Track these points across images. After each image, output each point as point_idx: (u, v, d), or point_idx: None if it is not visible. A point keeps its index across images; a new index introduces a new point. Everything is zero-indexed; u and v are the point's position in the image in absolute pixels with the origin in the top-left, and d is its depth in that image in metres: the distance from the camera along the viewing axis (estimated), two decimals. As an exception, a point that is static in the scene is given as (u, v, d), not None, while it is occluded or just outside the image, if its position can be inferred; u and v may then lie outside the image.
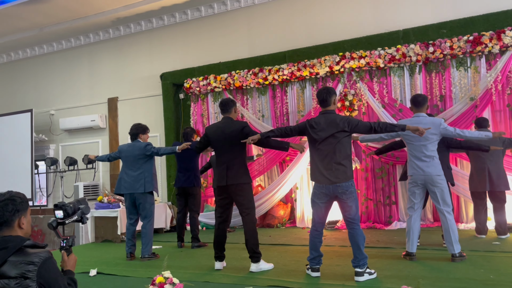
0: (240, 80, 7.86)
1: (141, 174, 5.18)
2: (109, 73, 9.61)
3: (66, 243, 2.58)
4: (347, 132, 3.81)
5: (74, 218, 2.68)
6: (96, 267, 4.63)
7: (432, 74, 6.69)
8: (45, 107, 10.20)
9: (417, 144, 4.33)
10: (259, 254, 4.22)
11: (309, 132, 3.92)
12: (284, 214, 7.51)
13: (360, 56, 6.94)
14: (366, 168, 7.04)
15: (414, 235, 4.37)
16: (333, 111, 3.95)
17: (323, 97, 3.92)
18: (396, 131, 3.95)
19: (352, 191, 3.76)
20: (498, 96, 6.27)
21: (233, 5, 8.36)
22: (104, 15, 8.85)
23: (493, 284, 3.33)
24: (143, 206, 5.21)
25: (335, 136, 3.78)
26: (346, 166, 3.77)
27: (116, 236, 6.83)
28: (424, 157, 4.29)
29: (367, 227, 6.76)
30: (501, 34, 6.12)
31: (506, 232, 5.34)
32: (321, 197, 3.85)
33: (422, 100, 4.48)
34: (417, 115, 4.43)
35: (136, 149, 5.25)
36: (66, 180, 9.32)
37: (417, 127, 3.92)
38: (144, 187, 5.15)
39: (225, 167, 4.27)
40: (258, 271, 4.17)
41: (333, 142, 3.79)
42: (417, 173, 4.32)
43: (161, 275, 3.29)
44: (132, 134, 5.38)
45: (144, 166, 5.22)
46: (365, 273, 3.65)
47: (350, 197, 3.75)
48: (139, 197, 5.19)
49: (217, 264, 4.38)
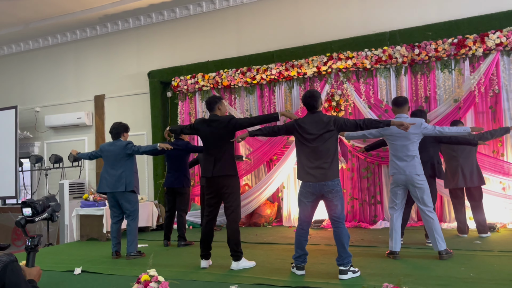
0: (228, 79, 7.87)
1: (123, 173, 5.16)
2: (96, 70, 9.53)
3: (32, 243, 2.45)
4: (334, 132, 3.87)
5: (44, 216, 2.56)
6: (81, 266, 4.60)
7: (418, 75, 6.79)
8: (30, 104, 10.07)
9: (399, 144, 4.41)
10: (240, 253, 4.25)
11: (297, 131, 3.97)
12: (271, 213, 7.55)
13: (347, 57, 7.01)
14: (352, 168, 7.12)
15: (397, 234, 4.44)
16: (320, 111, 4.01)
17: (310, 103, 3.97)
18: (381, 126, 4.05)
19: (338, 190, 3.82)
20: (481, 98, 6.39)
21: (221, 4, 8.37)
22: (91, 12, 8.78)
23: (473, 282, 3.41)
24: (127, 205, 5.20)
25: (322, 135, 3.84)
26: (332, 165, 3.83)
27: (101, 234, 6.79)
28: (405, 156, 4.36)
29: (352, 226, 6.83)
30: (484, 37, 6.24)
31: (486, 231, 5.45)
32: (308, 196, 3.90)
33: (402, 101, 4.63)
34: (399, 116, 4.53)
35: (117, 148, 5.24)
36: (51, 178, 9.22)
37: (401, 122, 4.00)
38: (126, 186, 5.13)
39: (213, 159, 4.31)
40: (239, 269, 4.20)
41: (320, 141, 3.85)
42: (398, 173, 4.40)
43: (147, 273, 3.30)
44: (115, 133, 5.37)
45: (125, 165, 5.20)
46: (349, 271, 3.70)
47: (336, 195, 3.81)
48: (121, 196, 5.17)
49: (203, 262, 4.39)
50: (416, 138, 4.40)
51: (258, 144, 7.61)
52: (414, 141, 4.39)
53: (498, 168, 6.12)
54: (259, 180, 7.76)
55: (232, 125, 4.33)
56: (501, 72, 6.29)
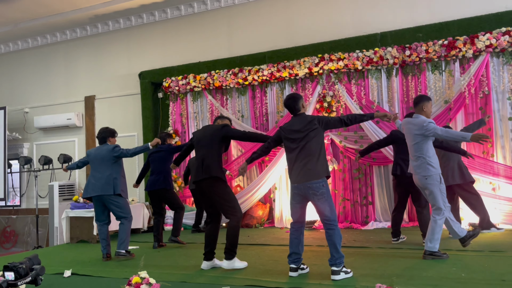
0: (220, 80, 7.84)
1: (110, 176, 5.10)
2: (86, 71, 9.45)
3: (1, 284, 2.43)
4: (318, 129, 3.86)
5: (28, 279, 2.51)
6: (71, 268, 4.55)
7: (409, 77, 6.83)
8: (19, 105, 9.95)
9: (408, 145, 4.43)
10: (234, 253, 4.23)
11: (284, 136, 4.00)
12: (263, 214, 7.53)
13: (339, 58, 7.03)
14: (344, 169, 7.13)
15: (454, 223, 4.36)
16: (303, 113, 4.02)
17: (291, 105, 4.00)
18: (365, 119, 4.03)
19: (323, 192, 3.76)
20: (471, 99, 6.45)
21: (213, 5, 8.35)
22: (81, 12, 8.71)
23: (464, 282, 3.43)
24: (116, 209, 5.13)
25: (308, 134, 3.85)
26: (317, 165, 3.80)
27: (92, 236, 6.72)
28: (413, 157, 4.36)
29: (344, 227, 6.84)
30: (474, 39, 6.29)
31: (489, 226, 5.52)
32: (295, 197, 3.91)
33: (416, 100, 4.47)
34: (416, 116, 4.39)
35: (104, 152, 5.19)
36: (41, 179, 9.11)
37: (384, 113, 3.99)
38: (113, 189, 5.08)
39: (201, 162, 4.34)
40: (230, 268, 4.17)
41: (305, 140, 3.85)
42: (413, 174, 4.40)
43: (138, 275, 3.27)
44: (101, 138, 5.32)
45: (112, 167, 5.15)
46: (341, 272, 3.68)
47: (321, 198, 3.76)
48: (109, 199, 5.10)
49: (204, 263, 4.36)
50: (419, 138, 4.26)
51: (250, 145, 7.59)
52: (418, 142, 4.27)
53: (488, 169, 6.17)
54: (251, 181, 7.74)
55: (224, 131, 4.39)
56: (491, 74, 6.35)
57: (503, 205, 6.04)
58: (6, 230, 9.46)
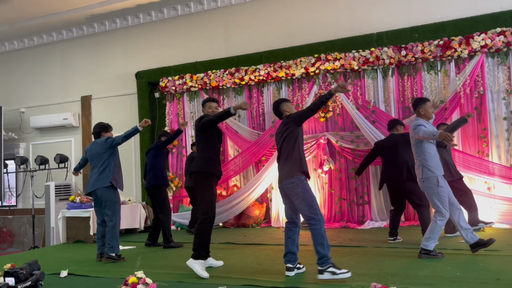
0: (217, 80, 7.85)
1: (106, 169, 5.11)
2: (83, 71, 9.43)
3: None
4: (289, 127, 3.88)
5: (27, 284, 2.54)
6: (67, 268, 4.54)
7: (404, 77, 6.86)
8: (15, 105, 9.91)
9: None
10: (198, 253, 4.07)
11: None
12: (260, 214, 7.55)
13: (335, 58, 7.05)
14: (340, 169, 7.15)
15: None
16: (285, 116, 4.05)
17: (275, 111, 4.14)
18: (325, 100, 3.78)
19: (298, 191, 3.73)
20: (467, 99, 6.48)
21: (210, 5, 8.35)
22: (77, 12, 8.69)
23: (459, 281, 3.44)
24: (105, 202, 5.06)
25: (282, 136, 3.94)
26: (290, 163, 3.84)
27: (88, 236, 6.71)
28: (415, 160, 4.42)
29: (340, 226, 6.87)
30: (469, 39, 6.32)
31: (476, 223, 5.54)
32: (282, 198, 4.02)
33: (413, 103, 4.54)
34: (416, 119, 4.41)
35: (98, 145, 5.20)
36: (37, 179, 9.08)
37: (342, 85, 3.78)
38: (105, 180, 5.06)
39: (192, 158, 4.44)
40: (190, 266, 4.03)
41: (280, 140, 3.95)
42: None
43: (134, 275, 3.27)
44: (94, 133, 5.35)
45: (108, 160, 5.14)
46: (326, 272, 3.57)
47: (296, 198, 3.76)
48: (101, 192, 5.06)
49: None
50: (414, 141, 4.33)
51: (246, 145, 7.60)
52: (414, 145, 4.35)
53: (483, 168, 6.20)
54: (247, 181, 7.76)
55: (202, 122, 4.38)
56: (486, 74, 6.39)
57: (498, 204, 6.08)
58: (2, 230, 9.42)
